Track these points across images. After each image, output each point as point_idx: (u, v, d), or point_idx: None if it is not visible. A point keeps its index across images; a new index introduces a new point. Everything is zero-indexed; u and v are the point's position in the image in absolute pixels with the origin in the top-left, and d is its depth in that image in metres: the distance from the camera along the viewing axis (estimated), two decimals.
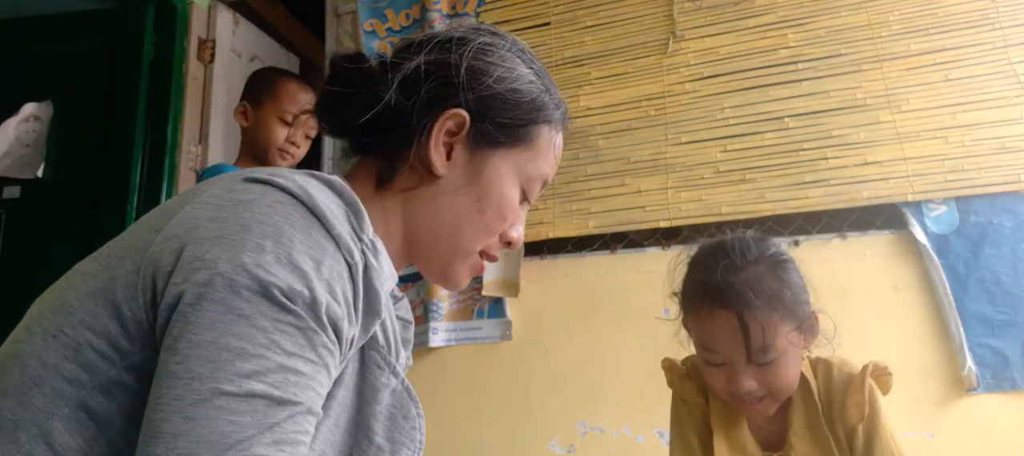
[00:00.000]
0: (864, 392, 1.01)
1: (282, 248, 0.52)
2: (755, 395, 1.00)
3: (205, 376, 0.48)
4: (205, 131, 2.40)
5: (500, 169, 0.72)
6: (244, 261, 0.51)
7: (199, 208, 0.55)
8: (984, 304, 1.77)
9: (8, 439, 0.51)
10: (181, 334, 0.49)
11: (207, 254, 0.51)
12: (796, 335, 1.00)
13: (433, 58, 0.70)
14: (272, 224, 0.53)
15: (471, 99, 0.69)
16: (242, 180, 0.57)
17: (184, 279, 0.51)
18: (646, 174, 2.12)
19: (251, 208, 0.54)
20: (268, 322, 0.50)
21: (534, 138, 0.74)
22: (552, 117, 0.75)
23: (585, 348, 2.03)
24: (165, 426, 0.47)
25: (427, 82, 0.69)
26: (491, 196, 0.71)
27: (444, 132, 0.69)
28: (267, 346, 0.50)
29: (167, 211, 0.57)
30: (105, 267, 0.56)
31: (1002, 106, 1.89)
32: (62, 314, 0.55)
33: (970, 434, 1.71)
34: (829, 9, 2.08)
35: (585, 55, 2.27)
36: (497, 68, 0.71)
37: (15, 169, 2.24)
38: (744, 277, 0.98)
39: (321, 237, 0.54)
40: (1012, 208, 1.82)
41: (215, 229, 0.53)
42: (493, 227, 0.73)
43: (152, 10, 2.39)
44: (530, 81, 0.73)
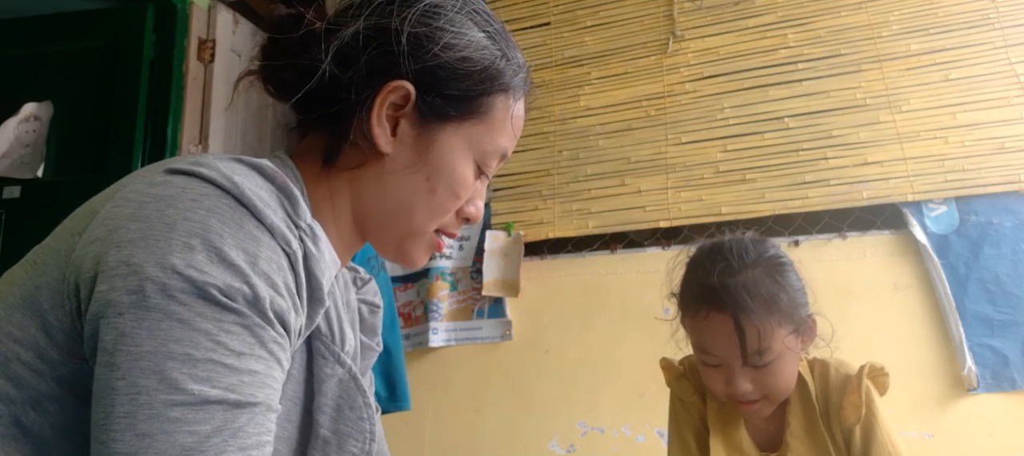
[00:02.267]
0: (861, 393, 1.01)
1: (212, 245, 0.48)
2: (751, 397, 1.00)
3: (153, 389, 0.45)
4: (205, 131, 2.40)
5: (451, 144, 0.65)
6: (174, 262, 0.47)
7: (119, 206, 0.51)
8: (984, 304, 1.77)
9: None
10: (117, 347, 0.46)
11: (133, 258, 0.47)
12: (793, 338, 1.00)
13: (372, 23, 0.62)
14: (198, 220, 0.49)
15: (415, 70, 0.62)
16: (163, 172, 0.53)
17: (110, 286, 0.47)
18: (646, 174, 2.12)
19: (174, 203, 0.50)
20: (210, 324, 0.47)
21: (488, 109, 0.67)
22: (510, 84, 0.68)
23: (585, 348, 2.03)
24: (118, 446, 0.44)
25: (366, 51, 0.62)
26: (442, 174, 0.65)
27: (387, 106, 0.63)
28: (214, 349, 0.47)
29: (90, 211, 0.54)
30: (31, 275, 0.53)
31: (1002, 106, 1.89)
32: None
33: (970, 434, 1.71)
34: (829, 9, 2.08)
35: (585, 55, 2.27)
36: (445, 34, 0.63)
37: (15, 169, 2.24)
38: (741, 280, 0.98)
39: (253, 228, 0.51)
40: (1012, 208, 1.82)
41: (138, 229, 0.49)
42: (446, 206, 0.67)
43: (152, 10, 2.38)
44: (483, 46, 0.66)
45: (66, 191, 2.23)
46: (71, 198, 2.38)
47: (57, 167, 2.26)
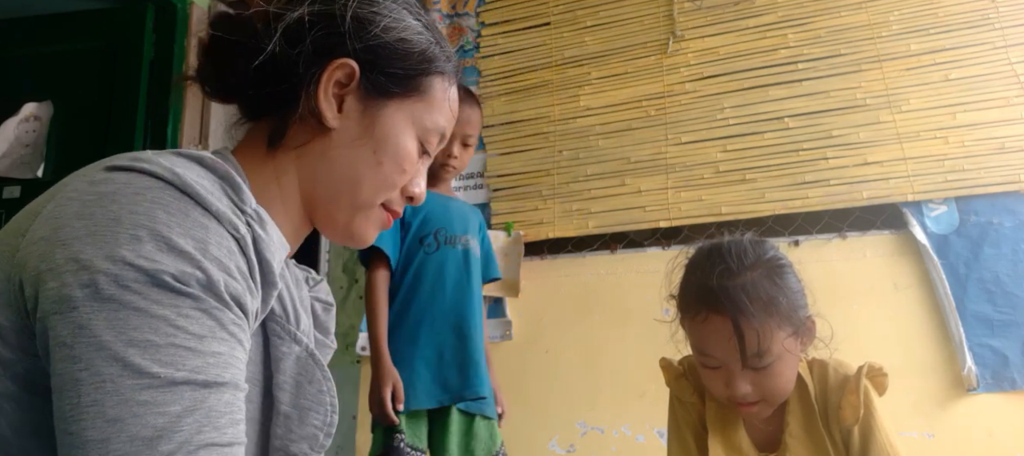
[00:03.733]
0: (859, 393, 1.01)
1: (160, 235, 0.49)
2: (750, 399, 1.00)
3: (118, 376, 0.46)
4: (205, 131, 2.40)
5: (395, 119, 0.69)
6: (124, 254, 0.48)
7: (63, 205, 0.51)
8: (984, 304, 1.77)
9: None
10: (76, 340, 0.46)
11: (81, 254, 0.48)
12: (792, 340, 0.99)
13: (317, 9, 0.67)
14: (144, 212, 0.50)
15: (359, 48, 0.67)
16: (104, 169, 0.54)
17: (61, 283, 0.47)
18: (646, 174, 2.12)
19: (117, 199, 0.50)
20: (168, 310, 0.48)
21: (427, 88, 0.71)
22: (445, 69, 0.73)
23: (585, 348, 2.03)
24: (90, 434, 0.45)
25: (312, 32, 0.65)
26: (387, 147, 0.69)
27: (333, 83, 0.66)
28: (174, 334, 0.48)
29: (32, 211, 0.54)
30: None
31: (1002, 106, 1.89)
32: None
33: (970, 434, 1.71)
34: (829, 9, 2.08)
35: (585, 55, 2.27)
36: (384, 17, 0.68)
37: (15, 169, 2.24)
38: (740, 282, 0.98)
39: (200, 216, 0.52)
40: (1012, 208, 1.82)
41: (83, 227, 0.49)
42: (392, 179, 0.70)
43: (152, 10, 2.39)
44: (419, 31, 0.71)
45: None
46: None
47: (57, 167, 2.26)
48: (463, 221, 1.71)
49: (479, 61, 2.37)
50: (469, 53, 2.40)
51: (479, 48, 2.39)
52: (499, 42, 2.38)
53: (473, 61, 2.38)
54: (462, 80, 2.40)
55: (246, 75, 0.65)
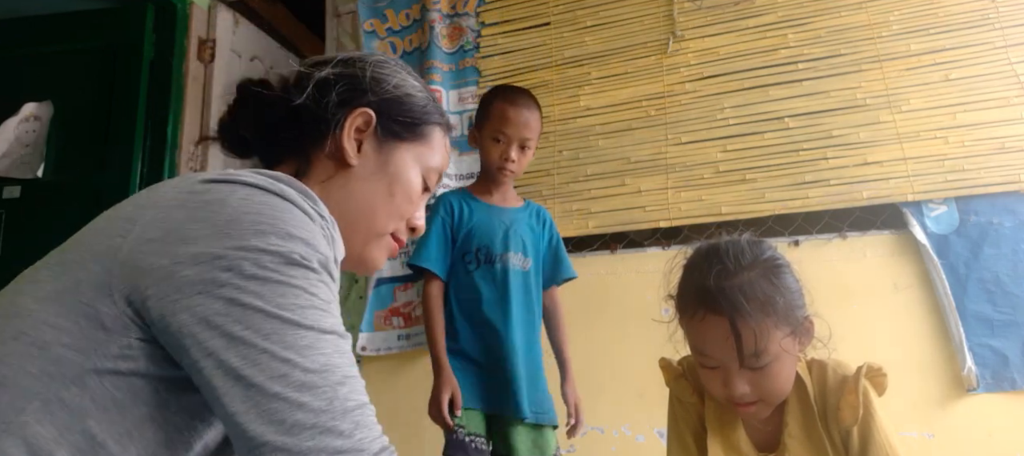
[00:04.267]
0: (858, 394, 1.01)
1: (277, 227, 0.60)
2: (749, 399, 1.00)
3: (279, 328, 0.56)
4: (205, 131, 2.40)
5: (405, 159, 0.83)
6: (254, 244, 0.58)
7: (168, 211, 0.60)
8: (984, 304, 1.77)
9: None
10: (230, 309, 0.56)
11: (211, 249, 0.57)
12: (790, 340, 0.99)
13: (339, 70, 0.82)
14: (255, 211, 0.60)
15: (375, 100, 0.81)
16: (200, 182, 0.63)
17: (198, 271, 0.56)
18: (646, 174, 2.12)
19: (228, 203, 0.60)
20: (301, 281, 0.59)
21: (429, 135, 0.86)
22: (441, 122, 0.88)
23: (585, 348, 2.03)
24: (266, 373, 0.55)
25: (337, 87, 0.80)
26: (399, 181, 0.82)
27: (354, 128, 0.80)
28: (310, 299, 0.59)
29: (124, 217, 0.62)
30: (61, 273, 0.60)
31: (1002, 106, 1.89)
32: (18, 319, 0.59)
33: (970, 434, 1.71)
34: (829, 9, 2.08)
35: (585, 55, 2.27)
36: (393, 77, 0.84)
37: (15, 169, 2.24)
38: (737, 282, 0.98)
39: (299, 214, 0.62)
40: (1012, 208, 1.82)
41: (201, 228, 0.58)
42: (402, 209, 0.83)
43: (152, 10, 2.38)
44: (419, 91, 0.86)
45: (66, 191, 2.23)
46: (71, 198, 2.38)
47: (57, 167, 2.26)
48: (506, 236, 1.69)
49: (479, 61, 2.37)
50: (469, 53, 2.40)
51: (479, 48, 2.39)
52: (499, 42, 2.37)
53: (473, 61, 2.38)
54: (462, 81, 2.42)
55: (277, 122, 0.81)
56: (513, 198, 1.79)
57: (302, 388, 0.56)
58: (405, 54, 2.47)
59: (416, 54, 2.44)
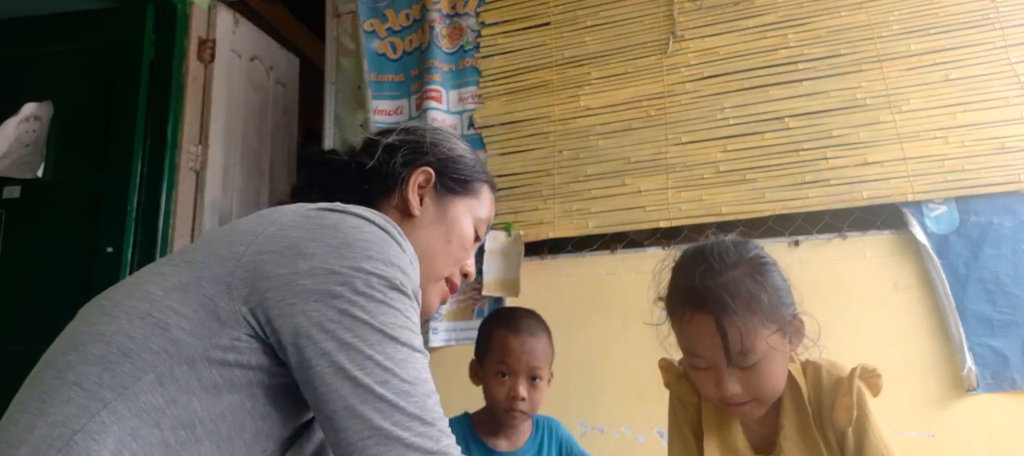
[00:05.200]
0: (852, 395, 1.01)
1: (381, 255, 0.71)
2: (740, 398, 1.00)
3: (383, 341, 0.67)
4: (205, 131, 2.40)
5: (459, 211, 0.97)
6: (363, 266, 0.69)
7: (286, 230, 0.71)
8: (984, 304, 1.77)
9: (93, 398, 0.63)
10: (342, 318, 0.66)
11: (327, 264, 0.68)
12: (777, 338, 0.99)
13: (403, 138, 0.98)
14: (364, 239, 0.71)
15: (434, 161, 0.97)
16: (315, 209, 0.74)
17: (316, 282, 0.67)
18: (646, 174, 2.12)
19: (341, 229, 0.71)
20: (400, 304, 0.70)
21: (478, 191, 1.01)
22: (487, 180, 1.04)
23: (585, 348, 2.03)
24: (373, 376, 0.65)
25: (401, 149, 0.96)
26: (455, 230, 0.96)
27: (417, 183, 0.95)
28: (406, 321, 0.70)
29: (247, 231, 0.72)
30: (185, 270, 0.70)
31: (1002, 106, 1.89)
32: (145, 302, 0.68)
33: (970, 434, 1.71)
34: (829, 9, 2.08)
35: (585, 55, 2.27)
36: (448, 141, 1.01)
37: (15, 169, 2.24)
38: (722, 281, 0.99)
39: (395, 246, 0.73)
40: (1012, 208, 1.82)
41: (318, 245, 0.69)
42: (458, 255, 0.96)
43: (152, 10, 2.38)
44: (469, 152, 1.03)
45: (66, 191, 2.23)
46: (71, 198, 2.38)
47: (57, 167, 2.27)
48: None
49: (479, 61, 2.37)
50: (469, 53, 2.40)
51: (479, 48, 2.39)
52: (499, 42, 2.37)
53: (473, 61, 2.38)
54: (462, 81, 2.41)
55: (351, 181, 0.95)
56: (524, 432, 1.54)
57: (400, 394, 0.65)
58: (405, 54, 2.47)
59: (416, 54, 2.44)
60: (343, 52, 2.59)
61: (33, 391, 0.66)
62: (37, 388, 0.66)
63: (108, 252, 2.15)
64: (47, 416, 0.62)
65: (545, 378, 1.48)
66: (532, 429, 1.57)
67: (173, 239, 2.24)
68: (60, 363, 0.66)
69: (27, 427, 0.62)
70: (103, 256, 2.14)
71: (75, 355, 0.66)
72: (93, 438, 0.61)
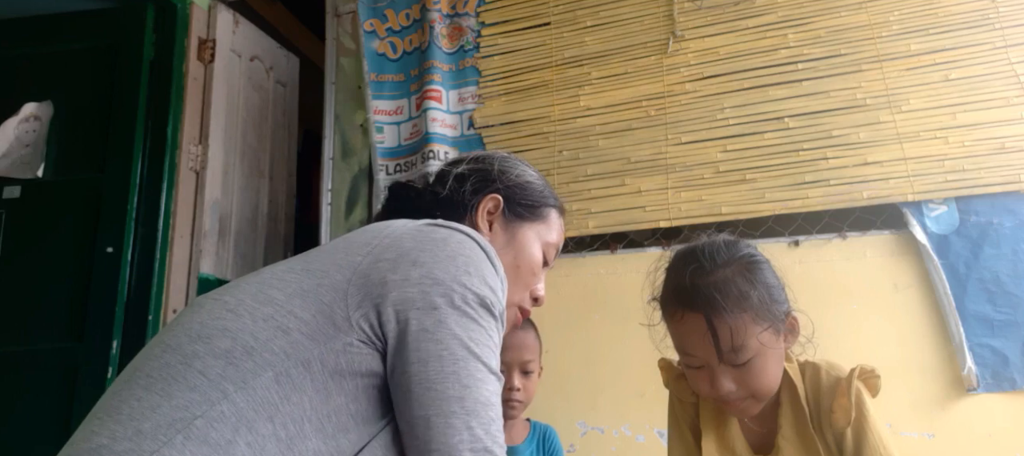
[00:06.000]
0: (850, 396, 1.01)
1: (479, 273, 0.76)
2: (735, 396, 1.01)
3: (467, 357, 0.71)
4: (205, 131, 2.40)
5: (528, 236, 1.00)
6: (463, 280, 0.74)
7: (399, 241, 0.77)
8: (984, 304, 1.77)
9: (215, 388, 0.67)
10: (437, 329, 0.71)
11: (435, 273, 0.73)
12: (769, 335, 1.00)
13: (472, 166, 1.03)
14: (466, 255, 0.76)
15: (502, 188, 1.00)
16: (426, 225, 0.80)
17: (422, 290, 0.72)
18: (646, 174, 2.12)
19: (449, 244, 0.77)
20: (486, 323, 0.74)
21: (546, 216, 1.03)
22: (556, 204, 1.06)
23: (585, 348, 2.03)
24: (452, 391, 0.69)
25: (471, 178, 1.00)
26: (524, 255, 0.99)
27: (486, 210, 0.99)
28: (488, 341, 0.74)
29: (362, 243, 0.78)
30: (306, 276, 0.75)
31: (1002, 106, 1.89)
32: (269, 305, 0.73)
33: (970, 434, 1.71)
34: (829, 9, 2.08)
35: (585, 55, 2.27)
36: (517, 170, 1.04)
37: (15, 169, 2.24)
38: (712, 280, 1.00)
39: (491, 266, 0.78)
40: (1012, 208, 1.82)
41: (428, 257, 0.75)
42: (527, 280, 0.99)
43: (152, 10, 2.38)
44: (537, 178, 1.06)
45: (66, 191, 2.23)
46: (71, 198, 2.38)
47: (57, 167, 2.27)
48: None
49: (479, 61, 2.37)
50: (469, 53, 2.40)
51: (479, 48, 2.39)
52: (499, 42, 2.38)
53: (473, 61, 2.38)
54: (462, 81, 2.41)
55: (426, 209, 0.97)
56: (520, 429, 1.66)
57: (470, 414, 0.69)
58: (405, 54, 2.47)
59: (416, 54, 2.44)
60: (343, 52, 2.59)
61: (158, 372, 0.70)
62: (163, 370, 0.70)
63: (108, 252, 2.15)
64: (172, 398, 0.67)
65: (536, 371, 1.63)
66: (530, 430, 1.64)
67: (173, 239, 2.24)
68: (187, 350, 0.71)
69: (153, 405, 0.67)
70: (103, 256, 2.14)
71: (202, 346, 0.71)
72: (212, 425, 0.65)
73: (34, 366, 2.09)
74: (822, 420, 1.04)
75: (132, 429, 0.65)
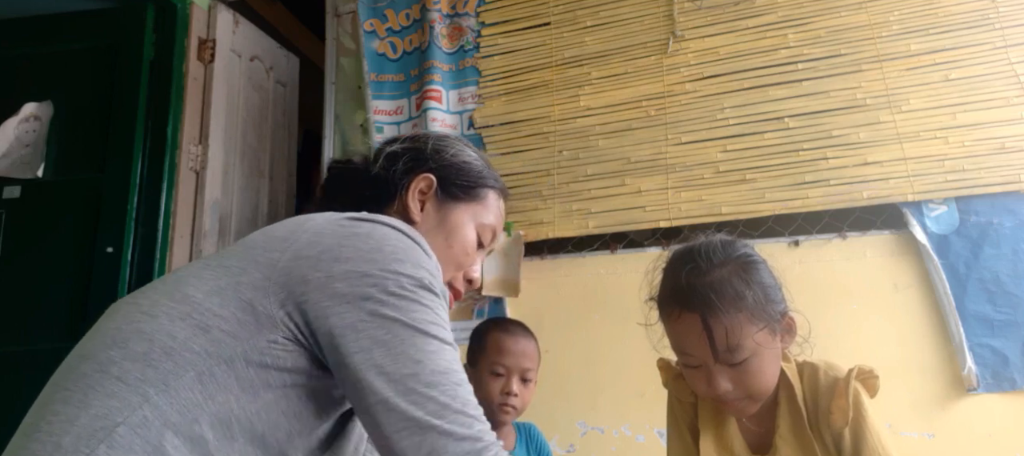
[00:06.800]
0: (848, 396, 1.01)
1: (411, 258, 0.74)
2: (732, 396, 1.01)
3: (415, 336, 0.70)
4: (205, 131, 2.40)
5: (461, 217, 0.98)
6: (395, 268, 0.72)
7: (321, 237, 0.74)
8: (984, 304, 1.77)
9: (135, 392, 0.66)
10: (374, 318, 0.69)
11: (360, 268, 0.71)
12: (765, 335, 1.00)
13: (406, 144, 1.01)
14: (394, 245, 0.75)
15: (435, 166, 0.98)
16: (346, 219, 0.77)
17: (350, 284, 0.70)
18: (646, 174, 2.12)
19: (372, 236, 0.75)
20: (430, 302, 0.73)
21: (484, 197, 1.00)
22: (495, 185, 1.03)
23: (585, 348, 2.03)
24: (406, 370, 0.68)
25: (403, 157, 0.98)
26: (456, 235, 0.96)
27: (418, 190, 0.96)
28: (436, 316, 0.73)
29: (280, 238, 0.75)
30: (224, 273, 0.73)
31: (1002, 106, 1.89)
32: (186, 303, 0.71)
33: (970, 434, 1.71)
34: (829, 9, 2.08)
35: (585, 55, 2.27)
36: (452, 148, 1.01)
37: (15, 169, 2.24)
38: (708, 280, 1.00)
39: (422, 251, 0.77)
40: (1012, 208, 1.82)
41: (351, 251, 0.73)
42: (459, 260, 0.97)
43: (152, 10, 2.38)
44: (475, 158, 1.02)
45: (66, 191, 2.23)
46: (71, 198, 2.37)
47: (57, 167, 2.26)
48: None
49: (479, 61, 2.37)
50: (469, 53, 2.40)
51: (479, 48, 2.39)
52: (499, 42, 2.38)
53: (473, 61, 2.38)
54: (462, 81, 2.41)
55: (360, 188, 0.97)
56: (508, 436, 1.65)
57: (431, 385, 0.68)
58: (405, 54, 2.47)
59: (416, 54, 2.44)
60: (343, 52, 2.59)
61: (74, 384, 0.68)
62: (79, 381, 0.68)
63: (108, 252, 2.15)
64: (90, 408, 0.65)
65: (533, 380, 1.62)
66: (516, 434, 1.66)
67: (173, 239, 2.24)
68: (102, 358, 0.69)
69: (70, 418, 0.65)
70: (103, 256, 2.14)
71: (117, 351, 0.69)
72: (135, 431, 0.63)
73: (34, 366, 2.07)
74: (820, 420, 1.04)
75: (51, 445, 0.63)
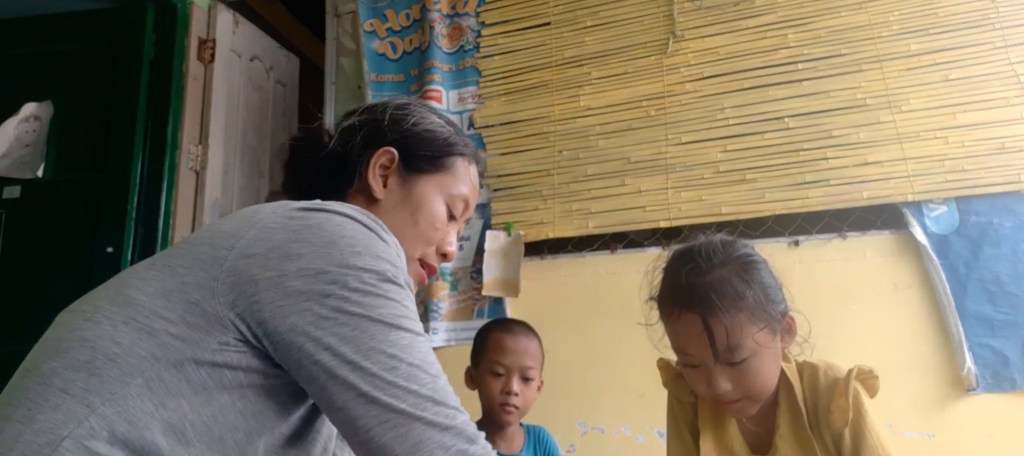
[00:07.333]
0: (848, 397, 1.01)
1: (369, 249, 0.70)
2: (732, 396, 1.01)
3: (385, 330, 0.67)
4: (205, 131, 2.40)
5: (427, 189, 0.91)
6: (352, 262, 0.68)
7: (268, 233, 0.69)
8: (984, 304, 1.77)
9: (81, 403, 0.62)
10: (338, 315, 0.66)
11: (315, 264, 0.67)
12: (765, 335, 1.00)
13: (363, 117, 0.93)
14: (350, 236, 0.70)
15: (396, 139, 0.91)
16: (296, 210, 0.72)
17: (305, 282, 0.66)
18: (646, 174, 2.12)
19: (325, 228, 0.70)
20: (395, 294, 0.69)
21: (451, 166, 0.94)
22: (465, 152, 0.96)
23: (585, 348, 2.03)
24: (379, 365, 0.65)
25: (360, 131, 0.91)
26: (422, 210, 0.90)
27: (379, 166, 0.90)
28: (403, 310, 0.69)
29: (227, 234, 0.70)
30: (170, 274, 0.69)
31: (1002, 106, 1.89)
32: (129, 307, 0.67)
33: (970, 434, 1.71)
34: (829, 9, 2.08)
35: (585, 55, 2.27)
36: (413, 116, 0.93)
37: (15, 169, 2.24)
38: (708, 280, 1.00)
39: (380, 240, 0.72)
40: (1012, 208, 1.82)
41: (303, 247, 0.68)
42: (427, 235, 0.91)
43: (152, 10, 2.39)
44: (440, 125, 0.95)
45: (66, 191, 2.23)
46: (71, 198, 2.38)
47: (57, 167, 2.26)
48: None
49: (479, 61, 2.37)
50: (469, 53, 2.40)
51: (479, 48, 2.39)
52: (499, 42, 2.38)
53: (473, 61, 2.38)
54: (462, 81, 2.42)
55: (318, 169, 0.91)
56: (516, 437, 1.61)
57: (410, 378, 0.66)
58: (405, 54, 2.47)
59: (416, 54, 2.44)
60: (343, 52, 2.59)
61: (17, 399, 0.65)
62: (22, 396, 0.65)
63: (108, 252, 2.15)
64: (34, 423, 0.62)
65: (536, 380, 1.57)
66: (525, 436, 1.63)
67: (173, 239, 2.24)
68: (44, 369, 0.65)
69: (14, 435, 0.62)
70: (103, 256, 2.14)
71: (59, 361, 0.65)
72: (82, 444, 0.60)
73: None
74: (820, 420, 1.04)
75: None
